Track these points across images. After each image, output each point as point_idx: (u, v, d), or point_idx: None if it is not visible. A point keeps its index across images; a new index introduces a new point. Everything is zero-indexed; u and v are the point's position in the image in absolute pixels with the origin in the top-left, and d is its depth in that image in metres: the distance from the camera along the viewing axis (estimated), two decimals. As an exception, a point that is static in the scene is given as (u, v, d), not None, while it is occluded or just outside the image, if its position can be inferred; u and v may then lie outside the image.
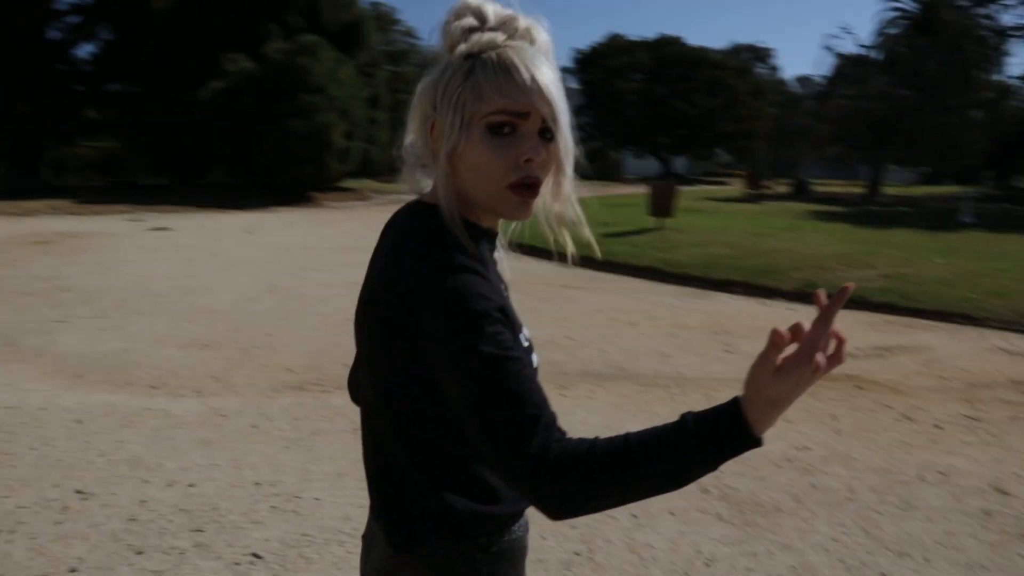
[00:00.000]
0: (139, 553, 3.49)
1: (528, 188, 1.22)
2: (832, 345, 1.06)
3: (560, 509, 1.10)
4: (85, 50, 35.98)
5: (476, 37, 1.21)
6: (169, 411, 5.52)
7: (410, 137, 1.31)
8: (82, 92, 29.59)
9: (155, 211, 22.18)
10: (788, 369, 1.03)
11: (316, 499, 4.08)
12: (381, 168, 32.11)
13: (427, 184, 1.30)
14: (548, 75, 1.20)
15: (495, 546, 1.30)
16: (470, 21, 1.22)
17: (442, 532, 1.27)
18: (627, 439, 1.08)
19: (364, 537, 1.48)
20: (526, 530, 1.38)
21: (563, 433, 1.12)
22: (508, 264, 1.40)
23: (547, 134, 1.21)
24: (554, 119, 1.20)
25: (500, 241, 1.37)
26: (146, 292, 10.10)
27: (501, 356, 1.11)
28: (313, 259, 13.68)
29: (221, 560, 3.44)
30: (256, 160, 26.31)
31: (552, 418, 1.12)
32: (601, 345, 7.74)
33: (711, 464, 1.06)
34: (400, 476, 1.28)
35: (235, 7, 27.54)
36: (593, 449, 1.08)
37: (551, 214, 1.33)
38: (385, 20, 49.69)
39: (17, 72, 26.87)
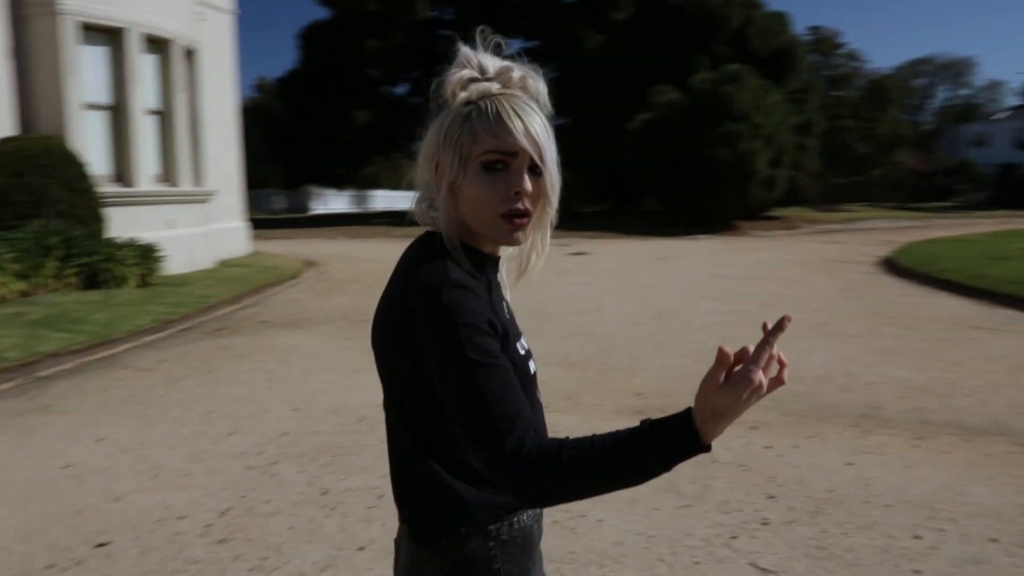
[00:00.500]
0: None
1: (518, 217, 1.38)
2: (774, 368, 1.20)
3: (534, 499, 1.28)
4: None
5: (475, 86, 1.40)
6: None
7: (420, 174, 1.48)
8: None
9: (583, 236, 23.76)
10: (731, 385, 1.17)
11: (599, 520, 4.23)
12: (812, 196, 31.15)
13: (435, 216, 1.46)
14: (535, 119, 1.38)
15: (506, 534, 1.45)
16: (471, 72, 1.41)
17: (456, 522, 1.41)
18: (593, 440, 1.22)
19: (395, 541, 1.62)
20: (536, 519, 1.53)
21: (538, 433, 1.26)
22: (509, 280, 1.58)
23: (536, 170, 1.38)
24: (541, 158, 1.37)
25: (502, 264, 1.55)
26: (540, 311, 10.92)
27: (484, 363, 1.27)
28: (712, 287, 13.77)
29: (488, 562, 3.73)
30: (682, 188, 27.01)
31: (529, 419, 1.26)
32: (985, 395, 6.90)
33: (665, 466, 1.20)
34: (414, 472, 1.44)
35: (663, 41, 28.58)
36: (562, 448, 1.22)
37: (532, 239, 1.51)
38: (827, 44, 48.27)
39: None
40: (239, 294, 13.18)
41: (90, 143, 13.13)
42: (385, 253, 20.93)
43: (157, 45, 14.47)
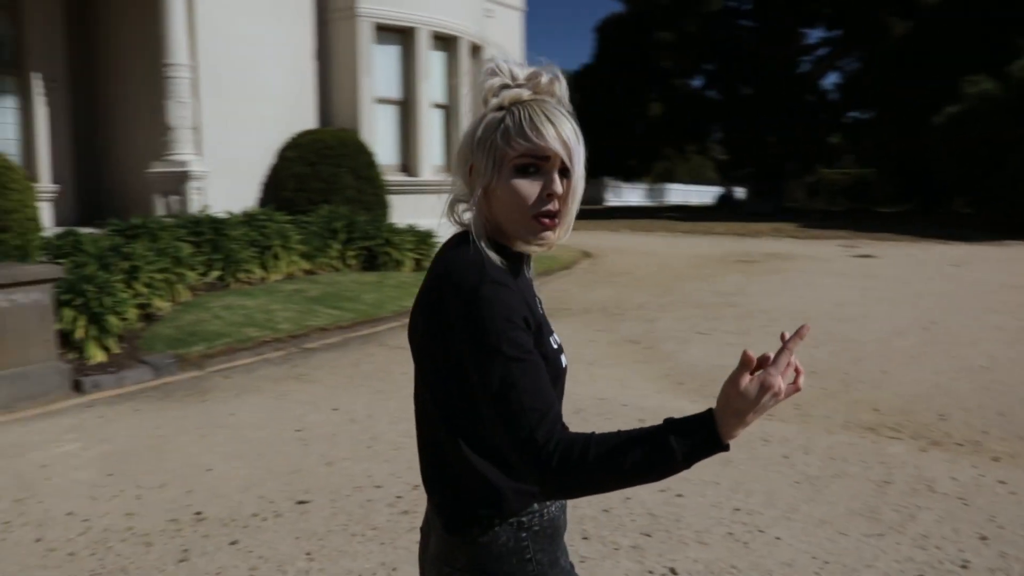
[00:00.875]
0: (585, 539, 3.91)
1: (549, 217, 1.45)
2: (791, 375, 1.29)
3: (559, 491, 1.33)
4: (829, 80, 37.62)
5: (507, 93, 1.46)
6: (722, 427, 5.81)
7: (454, 177, 1.56)
8: (825, 121, 30.97)
9: (872, 238, 22.25)
10: (752, 387, 1.25)
11: (777, 538, 4.01)
12: None
13: (468, 217, 1.52)
14: (566, 124, 1.45)
15: (537, 524, 1.51)
16: (502, 79, 1.47)
17: (489, 512, 1.47)
18: (618, 435, 1.29)
19: (422, 529, 1.70)
20: (562, 509, 1.59)
21: (566, 427, 1.33)
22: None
23: (566, 172, 1.45)
24: (571, 161, 1.44)
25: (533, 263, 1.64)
26: (800, 315, 10.42)
27: (518, 357, 1.34)
28: (1005, 299, 12.42)
29: (640, 565, 3.67)
30: (993, 188, 24.52)
31: (558, 414, 1.34)
32: None
33: (686, 463, 1.27)
34: (448, 462, 1.49)
35: (978, 25, 26.01)
36: (589, 441, 1.29)
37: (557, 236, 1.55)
38: None
39: (767, 104, 29.35)
40: (506, 281, 13.68)
41: (379, 135, 14.21)
42: (663, 247, 20.88)
43: (445, 42, 15.34)
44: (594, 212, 40.98)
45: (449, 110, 15.81)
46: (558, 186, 1.44)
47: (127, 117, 12.96)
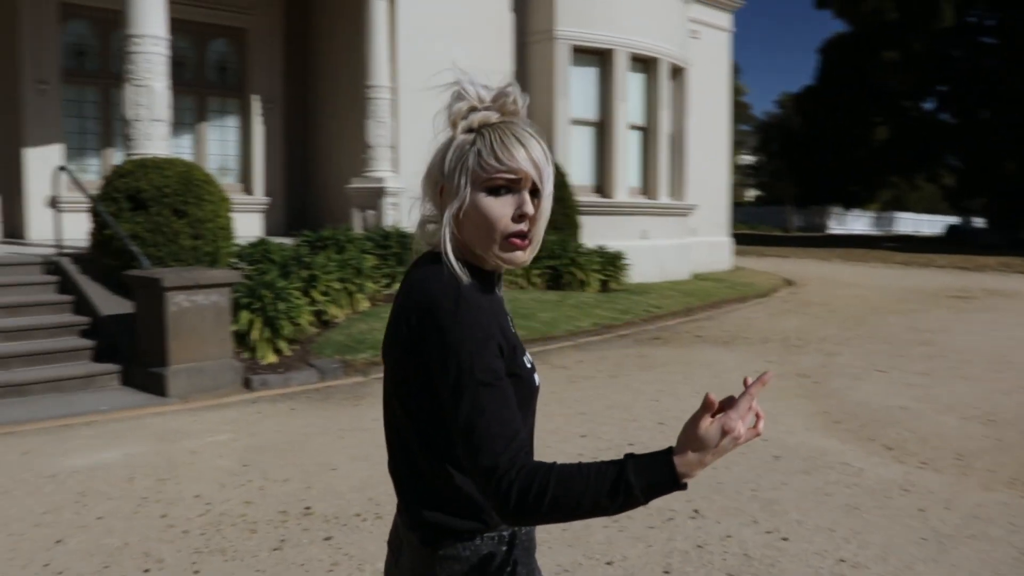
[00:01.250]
0: (666, 572, 3.77)
1: (521, 238, 1.46)
2: (751, 419, 1.31)
3: (518, 516, 1.31)
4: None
5: (474, 115, 1.47)
6: (863, 470, 5.40)
7: (423, 199, 1.56)
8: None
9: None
10: (712, 430, 1.28)
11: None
12: None
13: (437, 238, 1.51)
14: (535, 145, 1.46)
15: (516, 538, 1.52)
16: (469, 102, 1.48)
17: (472, 524, 1.48)
18: (579, 467, 1.30)
19: (390, 543, 1.69)
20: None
21: (529, 455, 1.35)
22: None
23: (536, 193, 1.47)
24: (541, 181, 1.46)
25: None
26: (1000, 357, 9.52)
27: (488, 383, 1.35)
28: None
29: (710, 604, 3.48)
30: None
31: (524, 441, 1.35)
32: None
33: (644, 499, 1.28)
34: (428, 478, 1.49)
35: None
36: (550, 471, 1.29)
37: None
38: None
39: (1008, 128, 27.03)
40: (693, 307, 13.43)
41: (573, 156, 14.35)
42: (872, 279, 19.73)
43: (644, 64, 15.30)
44: (812, 240, 39.32)
45: (647, 132, 15.74)
46: (529, 206, 1.45)
47: (332, 136, 13.84)
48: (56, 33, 11.44)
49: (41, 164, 11.11)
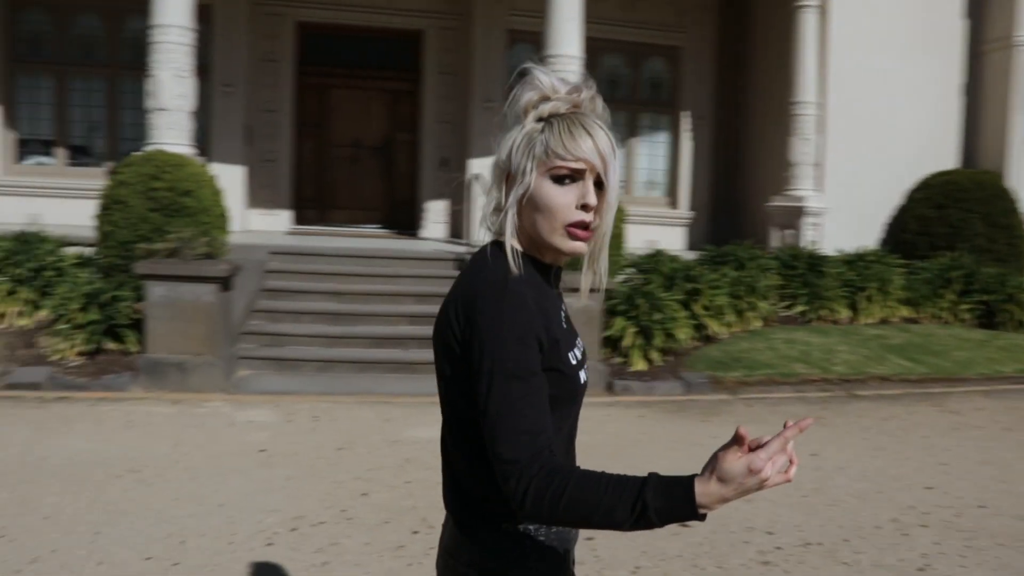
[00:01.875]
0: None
1: (582, 228, 1.48)
2: (783, 463, 1.24)
3: (532, 514, 1.33)
4: None
5: (545, 105, 1.50)
6: None
7: (490, 185, 1.59)
8: None
9: None
10: (739, 466, 1.23)
11: None
12: None
13: (500, 225, 1.54)
14: (603, 137, 1.47)
15: (543, 535, 1.52)
16: (541, 92, 1.51)
17: (499, 517, 1.50)
18: (600, 476, 1.31)
19: (443, 524, 1.74)
20: (575, 533, 1.60)
21: (553, 454, 1.36)
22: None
23: (601, 185, 1.49)
24: (605, 173, 1.47)
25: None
26: None
27: (520, 376, 1.38)
28: None
29: None
30: None
31: (548, 440, 1.37)
32: None
33: (659, 522, 1.27)
34: (462, 466, 1.53)
35: None
36: (570, 475, 1.31)
37: (592, 250, 1.55)
38: None
39: None
40: None
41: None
42: None
43: None
44: None
45: None
46: (592, 197, 1.46)
47: (754, 152, 13.58)
48: (502, 56, 12.68)
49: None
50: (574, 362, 1.50)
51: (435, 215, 13.05)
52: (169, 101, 8.41)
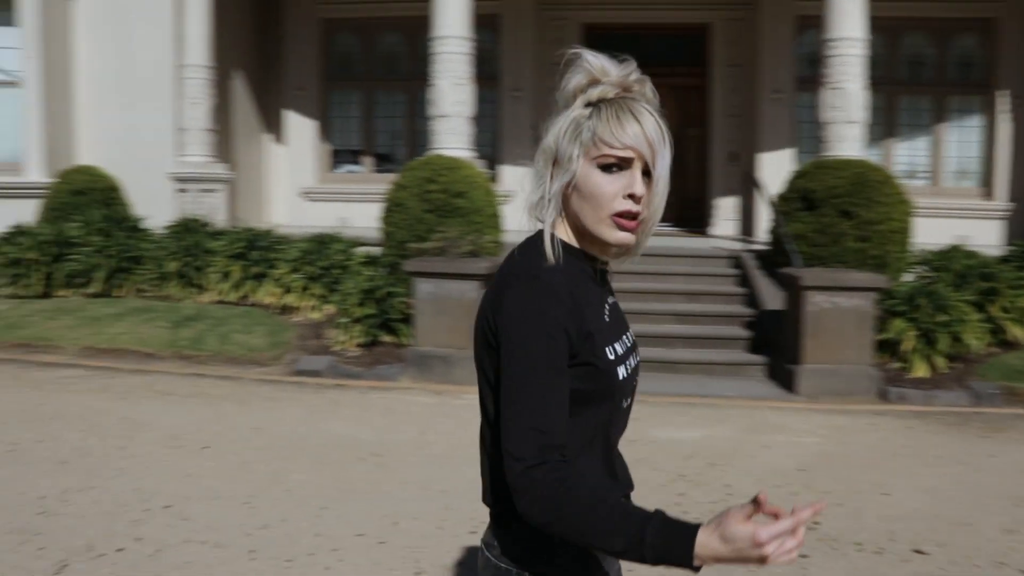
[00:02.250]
0: None
1: (629, 218, 1.43)
2: (790, 543, 1.18)
3: (529, 515, 1.31)
4: None
5: (594, 90, 1.44)
6: None
7: (536, 171, 1.52)
8: None
9: None
10: (744, 531, 1.17)
11: None
12: None
13: (544, 212, 1.50)
14: (651, 123, 1.41)
15: None
16: (591, 75, 1.45)
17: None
18: (607, 498, 1.28)
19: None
20: None
21: (565, 460, 1.31)
22: None
23: (649, 174, 1.43)
24: (654, 162, 1.41)
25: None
26: None
27: (542, 370, 1.34)
28: None
29: None
30: None
31: (560, 444, 1.32)
32: None
33: (650, 559, 1.22)
34: (496, 461, 1.46)
35: None
36: (578, 487, 1.27)
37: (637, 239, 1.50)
38: None
39: None
40: None
41: None
42: None
43: None
44: None
45: None
46: (639, 186, 1.40)
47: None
48: (790, 45, 12.04)
49: (774, 169, 11.83)
50: (612, 357, 1.43)
51: (724, 212, 12.73)
52: (448, 108, 8.98)
